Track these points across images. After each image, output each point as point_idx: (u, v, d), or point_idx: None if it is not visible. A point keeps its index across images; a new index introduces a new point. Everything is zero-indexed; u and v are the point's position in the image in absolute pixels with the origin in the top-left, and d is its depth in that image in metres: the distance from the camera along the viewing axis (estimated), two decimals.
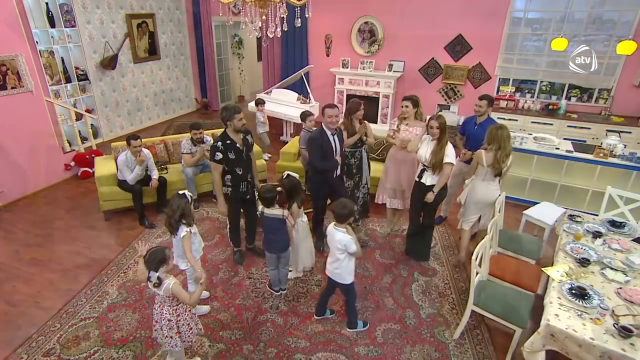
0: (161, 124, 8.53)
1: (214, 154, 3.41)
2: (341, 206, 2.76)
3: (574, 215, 3.46)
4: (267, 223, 3.26)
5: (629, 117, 6.25)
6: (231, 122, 3.39)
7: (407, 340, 3.06)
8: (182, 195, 2.90)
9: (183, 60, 8.99)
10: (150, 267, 2.37)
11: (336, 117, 3.53)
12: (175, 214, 2.85)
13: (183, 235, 2.85)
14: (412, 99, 3.92)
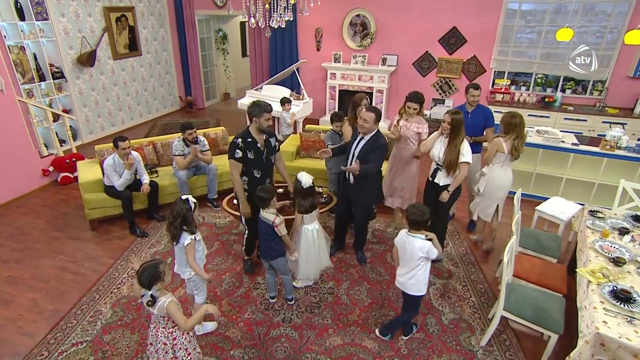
0: (144, 124, 8.09)
1: (233, 151, 3.14)
2: (418, 212, 2.54)
3: (595, 211, 3.35)
4: (260, 226, 3.02)
5: (623, 109, 6.27)
6: (258, 119, 3.13)
7: (432, 349, 2.88)
8: (184, 200, 2.61)
9: (165, 56, 8.54)
10: (143, 284, 2.12)
11: (365, 122, 3.27)
12: (176, 220, 2.58)
13: (187, 243, 2.58)
14: (420, 100, 3.74)
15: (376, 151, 3.30)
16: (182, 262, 2.70)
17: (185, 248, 2.59)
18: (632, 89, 6.23)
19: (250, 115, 3.16)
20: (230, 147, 3.18)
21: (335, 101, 7.88)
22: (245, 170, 3.24)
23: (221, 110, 9.39)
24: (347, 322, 3.11)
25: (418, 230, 2.59)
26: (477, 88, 3.98)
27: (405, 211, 2.63)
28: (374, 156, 3.32)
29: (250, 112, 3.15)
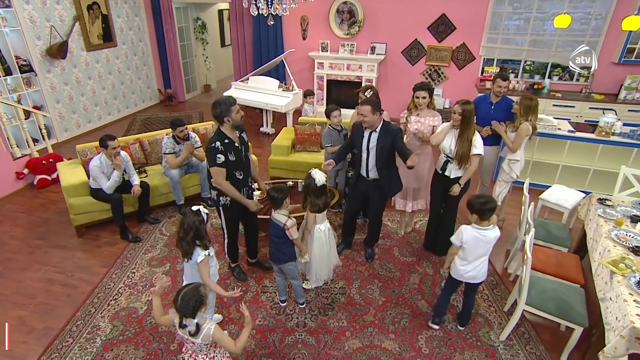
0: (123, 120, 7.65)
1: (214, 156, 2.83)
2: (486, 201, 2.49)
3: (604, 199, 3.35)
4: (270, 228, 2.85)
5: (608, 94, 6.39)
6: (229, 117, 2.84)
7: (453, 347, 2.81)
8: (195, 212, 2.39)
9: (142, 47, 8.07)
10: (187, 312, 1.91)
11: (362, 115, 3.09)
12: (187, 234, 2.36)
13: (201, 260, 2.37)
14: (429, 88, 3.57)
15: (399, 138, 3.15)
16: (197, 279, 2.48)
17: (199, 265, 2.39)
18: (617, 75, 6.34)
19: (220, 117, 2.84)
20: (210, 154, 2.85)
21: (323, 91, 7.69)
22: (227, 175, 2.93)
23: (203, 103, 9.01)
24: (364, 323, 3.00)
25: (488, 221, 2.52)
26: (506, 79, 3.82)
27: (471, 206, 2.54)
28: (401, 144, 3.16)
29: (217, 113, 2.83)
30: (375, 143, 3.17)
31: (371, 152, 3.20)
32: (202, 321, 1.97)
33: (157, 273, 3.49)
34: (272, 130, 6.98)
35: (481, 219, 2.52)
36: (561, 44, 6.53)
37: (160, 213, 4.43)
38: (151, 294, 2.30)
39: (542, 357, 2.74)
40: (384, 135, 3.16)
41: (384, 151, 3.17)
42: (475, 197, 2.56)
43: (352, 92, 7.45)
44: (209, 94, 9.94)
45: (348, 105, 7.60)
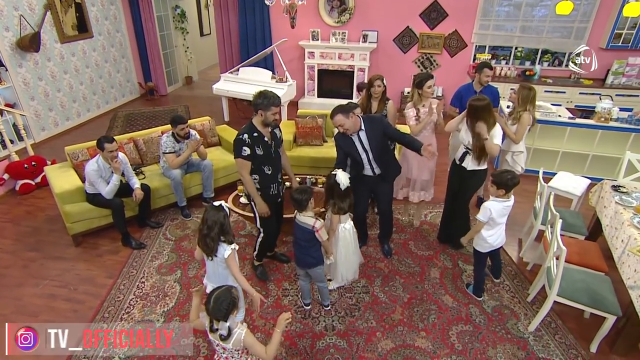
0: (103, 116, 7.22)
1: (240, 148, 2.76)
2: (511, 177, 2.68)
3: (618, 186, 3.40)
4: (296, 231, 2.73)
5: (596, 80, 6.53)
6: (265, 113, 2.73)
7: (485, 341, 2.80)
8: (217, 207, 2.26)
9: (120, 37, 7.60)
10: (219, 315, 1.81)
11: (340, 127, 2.99)
12: (212, 231, 2.23)
13: (228, 254, 2.24)
14: (432, 76, 3.59)
15: (387, 127, 3.12)
16: (222, 278, 2.36)
17: (227, 261, 2.26)
18: (604, 60, 6.45)
19: (256, 107, 2.76)
20: (236, 145, 2.79)
21: (314, 82, 7.50)
22: (254, 168, 2.88)
23: (186, 96, 8.65)
24: (393, 323, 2.94)
25: (509, 193, 2.73)
26: (492, 68, 3.84)
27: (499, 182, 2.69)
28: (393, 131, 3.14)
29: (256, 103, 2.75)
30: (368, 141, 3.06)
31: (369, 151, 3.10)
32: (234, 325, 1.88)
33: (169, 281, 3.30)
34: None
35: (506, 193, 2.70)
36: (551, 30, 6.60)
37: (161, 216, 4.19)
38: (190, 293, 2.21)
39: (572, 346, 2.77)
40: (372, 129, 3.06)
41: (379, 143, 3.09)
42: (502, 173, 2.72)
43: (345, 82, 7.43)
44: (190, 86, 9.53)
45: (339, 96, 7.51)
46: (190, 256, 3.59)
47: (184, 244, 3.77)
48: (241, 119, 6.98)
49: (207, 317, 1.89)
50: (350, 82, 7.37)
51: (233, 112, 7.11)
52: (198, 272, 3.40)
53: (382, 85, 3.62)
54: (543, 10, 6.66)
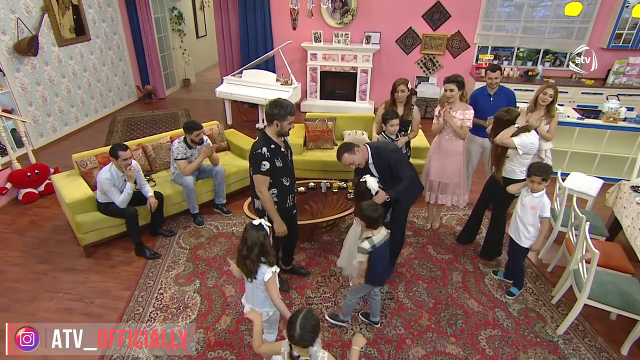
0: (101, 121, 7.05)
1: (259, 164, 2.62)
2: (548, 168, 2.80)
3: (637, 187, 3.42)
4: (379, 253, 2.54)
5: (598, 79, 6.61)
6: (280, 123, 2.62)
7: (516, 346, 2.78)
8: (257, 226, 2.16)
9: (117, 40, 7.43)
10: (306, 343, 1.71)
11: (350, 165, 2.93)
12: (251, 252, 2.14)
13: (268, 278, 2.16)
14: (458, 81, 3.46)
15: (393, 165, 2.94)
16: (260, 301, 2.27)
17: (266, 284, 2.16)
18: (605, 60, 6.52)
19: (271, 117, 2.63)
20: (255, 160, 2.64)
21: (316, 84, 7.44)
22: (272, 182, 2.74)
23: (184, 99, 8.51)
24: (421, 329, 2.91)
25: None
26: (494, 70, 3.79)
27: (541, 176, 2.76)
28: (397, 170, 2.95)
29: (271, 113, 2.61)
30: (377, 172, 2.99)
31: (380, 176, 3.02)
32: (318, 350, 1.80)
33: (188, 292, 3.21)
34: None
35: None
36: (552, 31, 6.66)
37: (173, 224, 4.10)
38: (249, 316, 2.13)
39: (603, 349, 2.77)
40: (379, 161, 2.97)
41: (387, 174, 2.98)
42: (540, 165, 2.81)
43: (348, 84, 7.38)
44: (188, 89, 9.39)
45: (343, 98, 7.48)
46: (207, 265, 3.51)
47: (199, 252, 3.68)
48: (244, 122, 6.90)
49: (287, 343, 1.79)
50: (353, 84, 7.33)
51: (235, 116, 7.01)
52: (217, 282, 3.32)
53: (407, 89, 3.56)
54: (543, 10, 6.71)
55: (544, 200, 2.79)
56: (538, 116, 3.72)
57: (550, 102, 3.64)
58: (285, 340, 1.82)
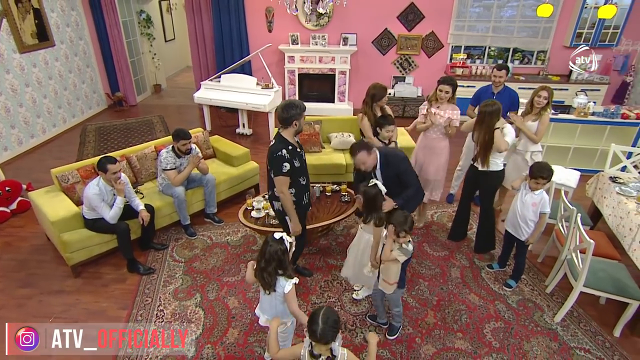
0: (70, 131, 6.68)
1: (281, 165, 2.67)
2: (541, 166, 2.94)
3: (615, 177, 3.64)
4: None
5: (562, 75, 6.99)
6: (299, 122, 2.71)
7: (518, 336, 2.89)
8: (278, 240, 2.14)
9: (83, 45, 7.07)
10: (328, 339, 1.73)
11: (363, 164, 2.91)
12: (269, 265, 2.12)
13: (289, 290, 2.13)
14: (453, 83, 3.56)
15: (403, 173, 3.01)
16: (278, 312, 2.24)
17: (286, 296, 2.15)
18: (568, 57, 6.92)
19: (290, 120, 2.68)
20: (277, 162, 2.70)
21: (295, 86, 7.41)
22: (291, 182, 2.81)
23: (157, 106, 8.22)
24: (428, 327, 2.96)
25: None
26: (501, 69, 3.92)
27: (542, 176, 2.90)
28: (406, 177, 3.02)
29: (288, 116, 2.66)
30: (382, 180, 2.98)
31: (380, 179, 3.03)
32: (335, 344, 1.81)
33: (190, 307, 3.11)
34: (250, 131, 6.58)
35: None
36: (519, 30, 6.98)
37: (164, 237, 3.95)
38: (270, 325, 2.11)
39: (597, 332, 2.93)
40: (387, 169, 3.01)
41: (393, 183, 3.00)
42: (540, 165, 2.94)
43: (326, 85, 7.39)
44: (160, 94, 9.09)
45: (322, 100, 7.48)
46: (206, 277, 3.41)
47: (195, 265, 3.57)
48: (223, 127, 6.75)
49: (308, 341, 1.82)
50: (332, 86, 7.35)
51: (214, 121, 6.86)
52: (219, 294, 3.23)
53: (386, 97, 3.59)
54: (510, 10, 7.02)
55: (544, 196, 2.92)
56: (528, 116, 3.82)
57: (545, 104, 3.66)
58: (305, 339, 1.84)
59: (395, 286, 2.58)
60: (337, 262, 3.58)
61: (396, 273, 2.52)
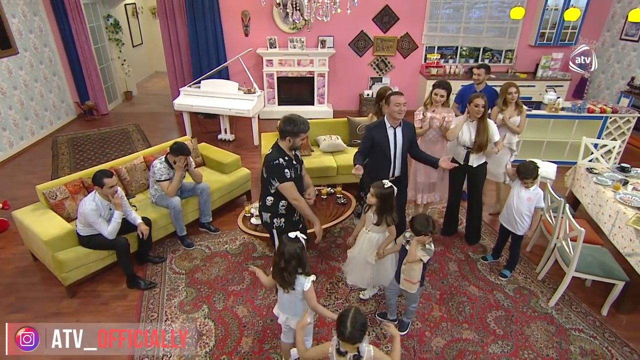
0: (39, 144, 6.35)
1: (282, 172, 2.65)
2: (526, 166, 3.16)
3: (592, 168, 3.93)
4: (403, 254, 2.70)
5: (529, 73, 7.41)
6: (294, 139, 2.67)
7: (519, 323, 3.07)
8: (294, 239, 2.18)
9: (48, 53, 6.71)
10: (357, 340, 1.81)
11: (404, 105, 3.09)
12: (289, 264, 2.16)
13: (308, 287, 2.19)
14: (447, 87, 3.70)
15: (415, 136, 3.34)
16: (297, 311, 2.28)
17: (306, 293, 2.20)
18: (533, 56, 7.38)
19: (283, 134, 2.68)
20: (277, 170, 2.66)
21: (274, 90, 7.40)
22: (282, 195, 2.76)
23: (130, 114, 7.94)
24: (435, 320, 3.08)
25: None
26: (480, 67, 4.14)
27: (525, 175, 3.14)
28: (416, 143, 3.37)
29: (284, 130, 2.66)
30: (402, 137, 3.19)
31: (398, 149, 3.22)
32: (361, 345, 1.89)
33: (198, 319, 3.06)
34: (232, 137, 6.51)
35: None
36: (488, 30, 7.32)
37: (160, 249, 3.85)
38: (299, 325, 2.14)
39: (587, 313, 3.16)
40: (407, 129, 3.23)
41: (407, 145, 3.25)
42: (526, 165, 3.15)
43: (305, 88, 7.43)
44: (131, 102, 8.78)
45: (301, 103, 7.52)
46: (210, 288, 3.37)
47: (197, 275, 3.52)
48: (204, 133, 6.64)
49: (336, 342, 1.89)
50: (311, 88, 7.41)
51: (194, 128, 6.72)
52: (226, 304, 3.20)
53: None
54: (478, 12, 7.35)
55: (538, 192, 3.12)
56: (511, 112, 4.04)
57: (517, 97, 3.96)
58: (333, 338, 1.93)
59: (419, 285, 2.67)
60: (339, 263, 3.64)
61: (419, 272, 2.61)
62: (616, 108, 5.37)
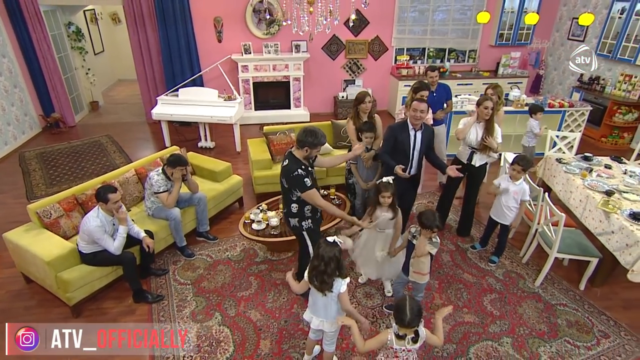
0: (5, 160, 6.00)
1: (303, 181, 2.77)
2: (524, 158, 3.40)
3: (560, 159, 4.33)
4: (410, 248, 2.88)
5: (491, 71, 7.93)
6: (311, 150, 2.81)
7: (512, 303, 3.37)
8: (332, 243, 2.29)
9: (7, 64, 6.34)
10: (416, 324, 2.02)
11: (421, 112, 3.28)
12: (328, 267, 2.26)
13: (344, 289, 2.32)
14: (429, 88, 4.00)
15: (432, 141, 3.59)
16: (331, 313, 2.40)
17: (340, 296, 2.32)
18: (494, 55, 7.90)
19: (303, 144, 2.80)
20: (298, 180, 2.78)
21: (250, 95, 7.42)
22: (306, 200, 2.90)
23: (99, 125, 7.65)
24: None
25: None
26: (433, 70, 4.45)
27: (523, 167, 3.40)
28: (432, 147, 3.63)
29: (304, 140, 2.78)
30: (421, 140, 3.43)
31: (416, 150, 3.45)
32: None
33: (213, 327, 3.10)
34: (213, 144, 6.48)
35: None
36: (452, 32, 7.76)
37: (160, 261, 3.82)
38: (345, 322, 2.24)
39: (568, 289, 3.52)
40: (426, 133, 3.47)
41: (425, 148, 3.48)
42: (524, 157, 3.41)
43: (281, 92, 7.51)
44: (98, 112, 8.45)
45: (278, 107, 7.60)
46: (219, 295, 3.41)
47: (204, 284, 3.54)
48: (182, 142, 6.54)
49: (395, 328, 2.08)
50: (287, 92, 7.50)
51: (172, 136, 6.60)
52: (238, 309, 3.26)
53: (368, 103, 3.83)
54: (442, 14, 7.76)
55: (524, 186, 3.42)
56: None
57: (492, 113, 4.10)
58: (394, 325, 2.10)
59: (429, 275, 2.88)
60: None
61: (428, 264, 2.82)
62: (572, 102, 5.91)
